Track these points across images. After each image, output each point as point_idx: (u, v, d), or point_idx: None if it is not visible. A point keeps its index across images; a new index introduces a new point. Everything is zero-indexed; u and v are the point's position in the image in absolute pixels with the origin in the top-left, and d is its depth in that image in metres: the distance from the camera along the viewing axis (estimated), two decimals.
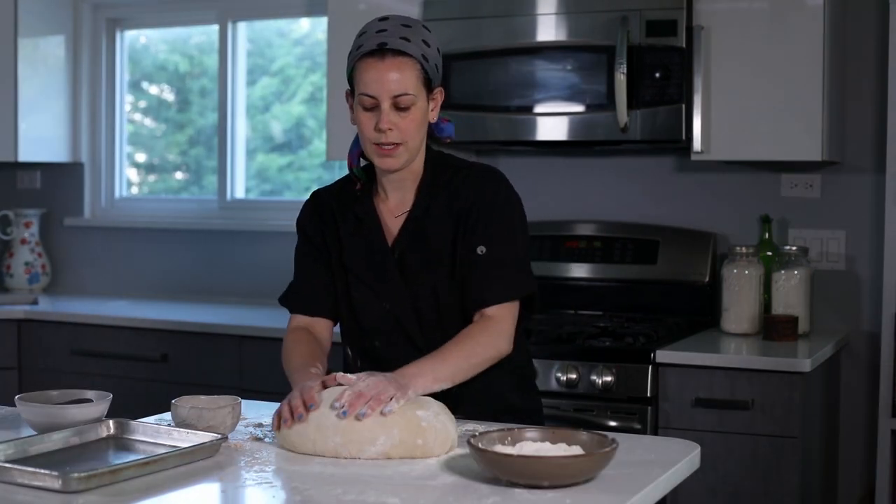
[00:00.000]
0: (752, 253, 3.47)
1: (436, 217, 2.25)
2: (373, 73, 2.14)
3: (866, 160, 3.60)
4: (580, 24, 3.44)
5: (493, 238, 2.24)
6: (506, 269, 2.24)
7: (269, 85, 4.61)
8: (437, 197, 2.26)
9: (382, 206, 2.30)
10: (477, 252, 2.23)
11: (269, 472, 1.80)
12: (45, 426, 1.96)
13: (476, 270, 2.22)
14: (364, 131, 2.19)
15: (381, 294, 2.26)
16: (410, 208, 2.27)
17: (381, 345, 2.28)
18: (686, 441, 2.05)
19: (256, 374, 3.71)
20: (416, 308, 2.25)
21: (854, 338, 3.61)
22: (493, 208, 2.25)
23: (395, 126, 2.15)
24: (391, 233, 2.28)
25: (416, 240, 2.25)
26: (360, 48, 2.18)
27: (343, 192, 2.34)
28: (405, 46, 2.15)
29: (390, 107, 2.15)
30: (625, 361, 3.17)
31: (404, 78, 2.14)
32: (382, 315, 2.27)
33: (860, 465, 3.60)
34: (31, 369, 4.10)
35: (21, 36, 4.47)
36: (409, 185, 2.28)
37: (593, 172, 3.92)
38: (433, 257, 2.25)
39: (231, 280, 4.46)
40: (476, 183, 2.27)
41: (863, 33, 3.58)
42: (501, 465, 1.71)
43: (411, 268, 2.25)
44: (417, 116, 2.18)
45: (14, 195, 4.89)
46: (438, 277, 2.24)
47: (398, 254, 2.26)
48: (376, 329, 2.28)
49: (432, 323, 2.25)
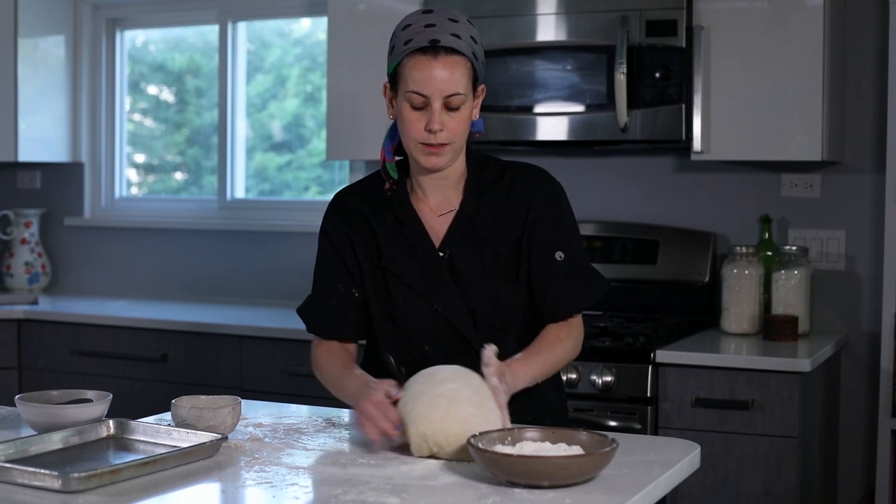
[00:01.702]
0: (752, 253, 3.47)
1: (488, 217, 2.19)
2: (425, 71, 2.06)
3: (866, 160, 3.60)
4: (580, 24, 3.44)
5: (567, 242, 2.21)
6: (586, 274, 2.23)
7: (263, 82, 4.61)
8: (486, 196, 2.20)
9: (422, 205, 2.21)
10: (556, 258, 2.19)
11: (269, 472, 1.80)
12: (45, 426, 1.96)
13: (560, 278, 2.19)
14: (411, 130, 2.10)
15: (431, 297, 2.17)
16: (459, 208, 2.19)
17: (430, 350, 2.18)
18: (686, 441, 2.05)
19: (256, 374, 3.71)
20: (472, 310, 2.18)
21: (854, 338, 3.61)
22: (559, 211, 2.22)
23: (444, 126, 2.08)
24: (436, 233, 2.19)
25: (468, 240, 2.18)
26: (409, 43, 2.08)
27: (370, 192, 2.24)
28: (457, 44, 2.07)
29: (441, 107, 2.07)
30: (625, 361, 3.17)
31: (456, 78, 2.07)
32: (433, 318, 2.17)
33: (860, 465, 3.60)
34: (31, 369, 4.10)
35: (21, 36, 4.47)
36: (450, 184, 2.20)
37: (593, 172, 3.92)
38: (489, 257, 2.18)
39: (231, 280, 4.46)
40: (532, 184, 2.22)
41: (863, 33, 3.58)
42: (501, 465, 1.71)
43: (463, 268, 2.17)
44: (466, 116, 2.11)
45: (14, 195, 4.89)
46: (497, 279, 2.19)
47: (448, 254, 2.18)
48: (425, 333, 2.19)
49: (487, 325, 2.18)
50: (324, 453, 1.94)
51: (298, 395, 3.50)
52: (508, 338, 2.19)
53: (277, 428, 2.12)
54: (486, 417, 1.90)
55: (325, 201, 4.35)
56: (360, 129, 3.82)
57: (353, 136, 3.84)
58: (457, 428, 1.86)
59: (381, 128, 3.75)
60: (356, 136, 3.83)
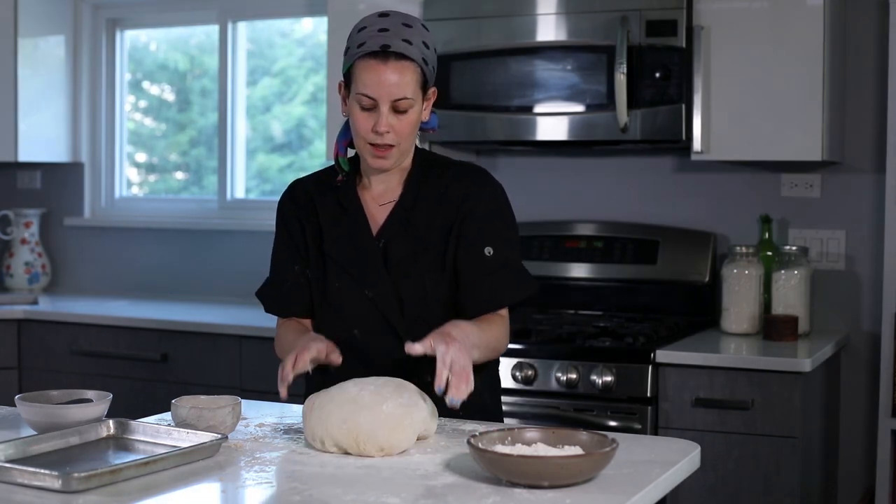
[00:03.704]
0: (752, 253, 3.47)
1: (424, 209, 2.26)
2: (373, 74, 2.14)
3: (866, 160, 3.60)
4: (580, 24, 3.44)
5: (499, 239, 2.27)
6: (514, 270, 2.28)
7: (270, 85, 4.62)
8: (426, 190, 2.28)
9: (366, 194, 2.30)
10: (485, 253, 2.24)
11: (270, 472, 1.80)
12: (45, 426, 1.96)
13: (486, 272, 2.24)
14: (359, 130, 2.19)
15: (364, 282, 2.26)
16: (398, 199, 2.28)
17: (359, 333, 2.27)
18: (686, 441, 2.05)
19: (256, 374, 3.71)
20: (400, 297, 2.25)
21: (854, 338, 3.61)
22: (494, 209, 2.28)
23: (391, 128, 2.17)
24: (376, 222, 2.28)
25: (403, 230, 2.26)
26: (362, 46, 2.17)
27: (322, 181, 2.35)
28: (407, 50, 2.15)
29: (389, 110, 2.16)
30: (625, 361, 3.17)
31: (405, 82, 2.15)
32: (364, 303, 2.26)
33: (860, 465, 3.61)
34: (31, 369, 4.10)
35: (21, 36, 4.48)
36: (394, 177, 2.29)
37: (593, 172, 3.92)
38: (421, 248, 2.25)
39: (231, 280, 4.46)
40: (470, 181, 2.29)
41: (863, 33, 3.58)
42: (501, 465, 1.71)
43: (396, 257, 2.25)
44: (413, 119, 2.20)
45: (14, 195, 4.89)
46: (426, 268, 2.25)
47: (383, 243, 2.26)
48: (356, 317, 2.27)
49: (414, 313, 2.25)
50: (324, 454, 1.94)
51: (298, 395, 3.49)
52: (432, 327, 2.17)
53: (278, 428, 2.12)
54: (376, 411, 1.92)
55: None
56: None
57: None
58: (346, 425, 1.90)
59: None
60: None
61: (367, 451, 1.89)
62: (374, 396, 1.93)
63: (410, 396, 1.96)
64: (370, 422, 1.89)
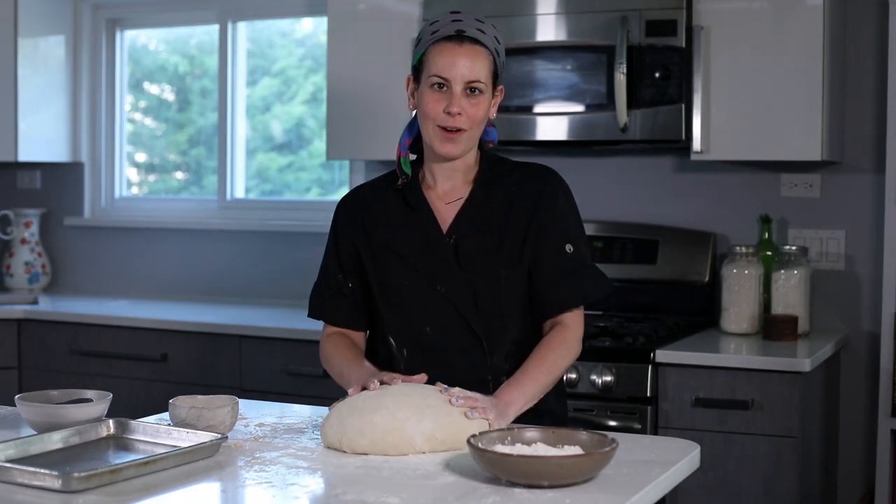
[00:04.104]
0: (751, 253, 3.47)
1: (496, 206, 2.27)
2: (449, 56, 2.17)
3: (866, 160, 3.60)
4: (580, 24, 3.44)
5: (576, 237, 2.29)
6: (591, 271, 2.30)
7: (270, 85, 4.62)
8: (495, 187, 2.28)
9: (431, 193, 2.30)
10: (566, 250, 2.26)
11: (269, 472, 1.80)
12: (45, 426, 1.96)
13: (568, 269, 2.25)
14: (430, 112, 2.19)
15: (435, 279, 2.24)
16: (468, 196, 2.28)
17: (432, 331, 2.25)
18: (686, 441, 2.05)
19: (256, 374, 3.71)
20: (473, 292, 2.23)
21: (854, 338, 3.61)
22: (570, 208, 2.32)
23: (463, 111, 2.18)
24: (444, 219, 2.27)
25: (474, 227, 2.25)
26: (435, 34, 2.19)
27: (381, 186, 2.35)
28: (481, 37, 2.20)
29: (462, 91, 2.17)
30: (625, 361, 3.17)
31: (478, 66, 2.18)
32: (435, 300, 2.24)
33: (860, 465, 3.61)
34: (31, 369, 4.10)
35: (21, 36, 4.48)
36: (460, 176, 2.29)
37: (593, 172, 3.92)
38: (494, 244, 2.25)
39: (231, 280, 4.46)
40: (543, 179, 2.32)
41: (863, 33, 3.58)
42: (501, 465, 1.71)
43: (468, 253, 2.24)
44: (484, 106, 2.21)
45: (14, 195, 4.89)
46: (501, 263, 2.24)
47: (454, 239, 2.25)
48: (427, 315, 2.25)
49: (490, 308, 2.24)
50: (324, 453, 1.94)
51: (298, 395, 3.50)
52: (508, 324, 2.25)
53: (277, 428, 2.12)
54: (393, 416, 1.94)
55: (326, 201, 4.40)
56: (360, 129, 3.82)
57: (353, 137, 3.84)
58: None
59: (380, 128, 3.76)
60: (356, 137, 3.83)
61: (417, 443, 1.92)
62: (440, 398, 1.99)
63: None
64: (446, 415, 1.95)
